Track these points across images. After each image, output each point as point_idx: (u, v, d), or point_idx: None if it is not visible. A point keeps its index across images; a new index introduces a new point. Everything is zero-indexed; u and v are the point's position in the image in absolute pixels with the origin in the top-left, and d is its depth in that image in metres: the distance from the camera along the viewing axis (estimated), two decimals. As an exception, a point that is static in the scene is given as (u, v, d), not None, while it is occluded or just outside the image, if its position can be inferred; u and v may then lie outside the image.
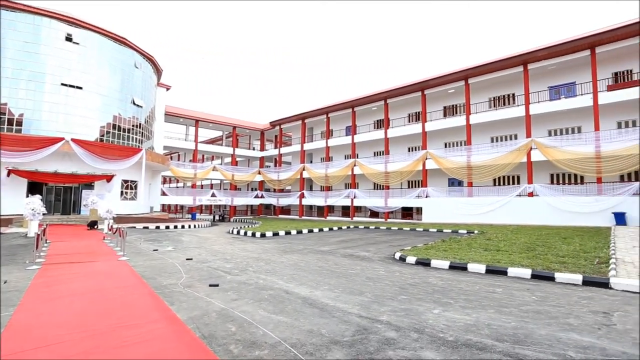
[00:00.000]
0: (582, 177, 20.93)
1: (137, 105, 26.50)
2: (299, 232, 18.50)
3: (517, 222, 20.71)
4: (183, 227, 22.44)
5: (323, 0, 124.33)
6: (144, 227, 20.93)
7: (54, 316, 4.34)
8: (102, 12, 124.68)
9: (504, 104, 25.12)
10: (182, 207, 53.10)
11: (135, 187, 26.58)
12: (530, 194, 21.02)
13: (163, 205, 36.29)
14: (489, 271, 7.46)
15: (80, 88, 23.00)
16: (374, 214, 30.25)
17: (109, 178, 23.77)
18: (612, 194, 18.20)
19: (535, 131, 22.14)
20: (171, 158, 53.95)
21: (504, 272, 7.28)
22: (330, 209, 34.10)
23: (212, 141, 47.42)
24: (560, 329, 4.05)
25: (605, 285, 6.09)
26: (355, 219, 30.10)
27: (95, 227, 18.06)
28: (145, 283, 6.37)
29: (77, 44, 23.14)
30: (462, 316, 4.57)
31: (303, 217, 34.59)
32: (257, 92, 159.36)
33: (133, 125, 26.31)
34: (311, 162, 38.41)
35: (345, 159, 33.03)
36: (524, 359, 3.26)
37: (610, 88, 19.64)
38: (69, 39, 22.81)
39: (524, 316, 4.55)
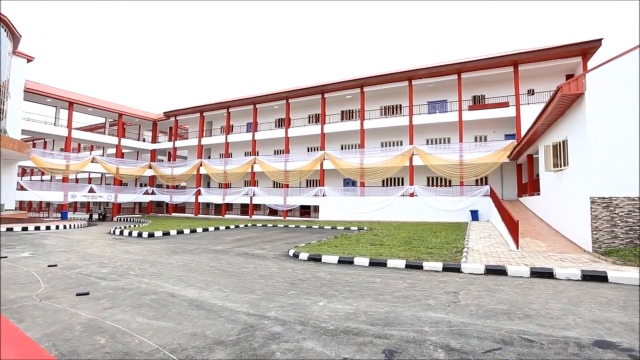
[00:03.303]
0: (449, 181, 24.77)
1: (-17, 78, 21.26)
2: (193, 231, 17.46)
3: (401, 219, 23.36)
4: (48, 228, 18.97)
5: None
6: (-10, 229, 16.99)
7: None
8: None
9: (393, 113, 28.04)
10: (48, 204, 44.68)
11: (-22, 179, 21.34)
12: (412, 194, 23.95)
13: (21, 203, 29.86)
14: (372, 264, 8.27)
15: None
16: (273, 212, 30.40)
17: None
18: (470, 195, 22.05)
19: (416, 139, 25.29)
20: (34, 145, 45.10)
21: (384, 264, 8.16)
22: (229, 207, 33.00)
23: (92, 129, 40.99)
24: (421, 310, 4.75)
25: (458, 270, 7.37)
26: (254, 217, 29.78)
27: None
28: (-16, 297, 5.22)
29: None
30: (344, 306, 4.97)
31: (199, 216, 32.68)
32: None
33: (-24, 102, 21.03)
34: (209, 157, 36.49)
35: (246, 156, 32.39)
36: (391, 338, 3.74)
37: (470, 108, 23.74)
38: None
39: (395, 301, 5.19)
